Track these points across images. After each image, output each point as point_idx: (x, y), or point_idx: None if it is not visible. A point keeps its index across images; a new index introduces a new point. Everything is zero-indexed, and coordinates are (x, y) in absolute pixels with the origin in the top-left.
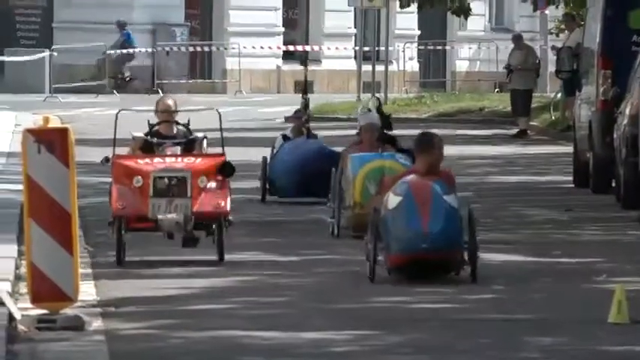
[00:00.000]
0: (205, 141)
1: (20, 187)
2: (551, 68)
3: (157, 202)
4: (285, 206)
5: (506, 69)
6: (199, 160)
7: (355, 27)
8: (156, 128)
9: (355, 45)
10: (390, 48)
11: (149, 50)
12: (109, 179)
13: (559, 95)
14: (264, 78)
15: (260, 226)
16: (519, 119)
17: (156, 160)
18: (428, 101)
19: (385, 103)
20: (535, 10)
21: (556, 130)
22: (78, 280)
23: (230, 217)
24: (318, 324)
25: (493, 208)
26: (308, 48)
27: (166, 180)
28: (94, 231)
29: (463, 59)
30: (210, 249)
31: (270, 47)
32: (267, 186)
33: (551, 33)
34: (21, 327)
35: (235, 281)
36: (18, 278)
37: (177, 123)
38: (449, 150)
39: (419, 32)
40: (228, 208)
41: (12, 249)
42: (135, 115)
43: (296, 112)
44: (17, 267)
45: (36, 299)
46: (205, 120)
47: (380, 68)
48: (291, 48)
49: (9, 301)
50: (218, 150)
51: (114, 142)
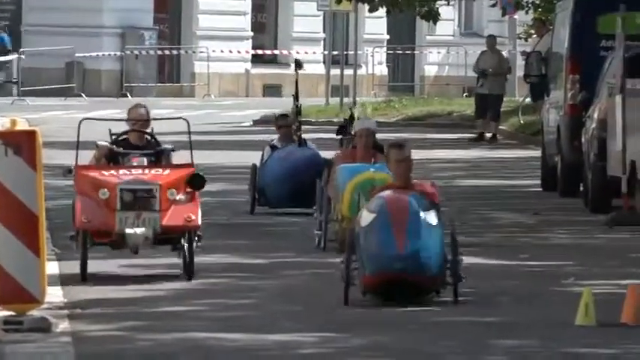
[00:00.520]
0: (172, 153)
1: None
2: (519, 73)
3: (124, 216)
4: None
5: (480, 73)
6: (168, 172)
7: (324, 31)
8: (124, 137)
9: (324, 49)
10: (359, 52)
11: (118, 54)
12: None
13: (527, 100)
14: (232, 82)
15: (227, 229)
16: (490, 124)
17: (122, 172)
18: (396, 105)
19: (354, 107)
20: (504, 15)
21: (524, 134)
22: (45, 282)
23: (199, 232)
24: (284, 326)
25: (461, 212)
26: (277, 52)
27: (134, 192)
28: (62, 233)
29: (432, 64)
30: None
31: (238, 51)
32: (256, 196)
33: (520, 38)
34: None
35: (203, 283)
36: None
37: (145, 133)
38: (417, 154)
39: (388, 37)
40: (199, 222)
41: None
42: (107, 125)
43: (278, 118)
44: None
45: (2, 301)
46: (172, 126)
47: (349, 72)
48: (259, 52)
49: None
50: (186, 158)
51: (76, 152)
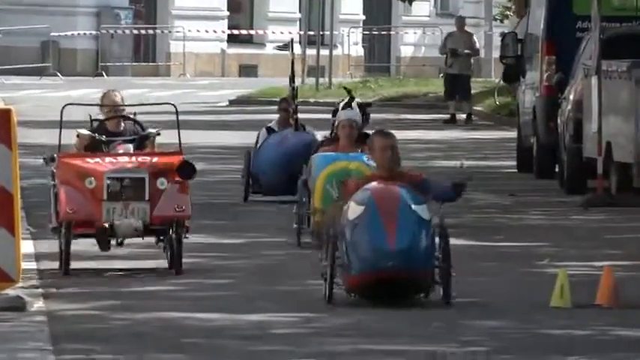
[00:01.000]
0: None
1: None
2: (496, 54)
3: (112, 206)
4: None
5: (451, 53)
6: (156, 159)
7: (300, 11)
8: (104, 124)
9: (300, 29)
10: (335, 32)
11: (93, 33)
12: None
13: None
14: (208, 61)
15: (204, 208)
16: (462, 104)
17: (107, 160)
18: (372, 86)
19: (329, 87)
20: None
21: (500, 116)
22: (20, 261)
23: (187, 224)
24: (261, 306)
25: None
26: (252, 32)
27: (122, 181)
28: (37, 212)
29: (408, 44)
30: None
31: (214, 31)
32: (250, 182)
33: (495, 19)
34: None
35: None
36: None
37: (125, 118)
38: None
39: (363, 17)
40: (190, 212)
41: None
42: (82, 102)
43: (281, 102)
44: None
45: None
46: (155, 108)
47: (325, 52)
48: (235, 32)
49: None
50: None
51: (59, 140)
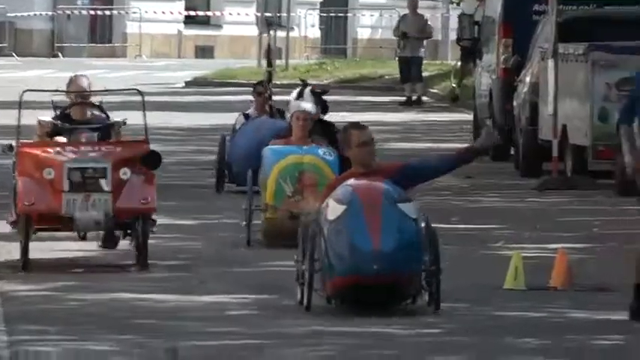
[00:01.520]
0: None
1: None
2: (453, 36)
3: (72, 198)
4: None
5: (401, 35)
6: (120, 149)
7: None
8: (67, 112)
9: (257, 11)
10: (292, 14)
11: (49, 14)
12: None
13: (459, 63)
14: (164, 43)
15: (160, 189)
16: (416, 86)
17: (69, 149)
18: (329, 67)
19: (286, 69)
20: None
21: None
22: None
23: (154, 217)
24: (213, 288)
25: None
26: (209, 13)
27: (83, 172)
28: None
29: (364, 26)
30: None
31: (171, 12)
32: (224, 172)
33: (452, 2)
34: None
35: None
36: None
37: (90, 105)
38: (350, 116)
39: None
40: (155, 205)
41: None
42: (41, 85)
43: (256, 85)
44: None
45: None
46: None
47: (281, 34)
48: (192, 13)
49: None
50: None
51: (18, 128)
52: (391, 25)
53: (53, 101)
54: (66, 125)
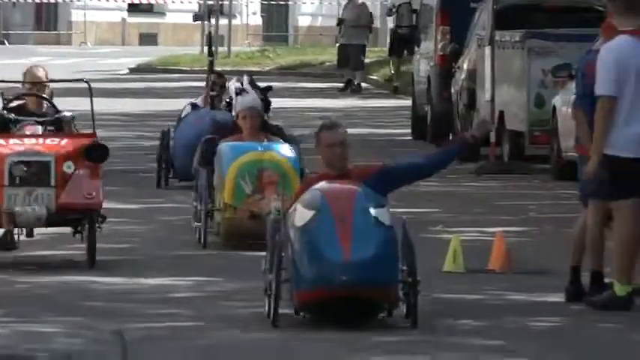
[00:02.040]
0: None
1: None
2: (391, 24)
3: (14, 192)
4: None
5: (337, 23)
6: (65, 142)
7: None
8: (21, 102)
9: None
10: (234, 2)
11: None
12: None
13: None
14: (109, 30)
15: (104, 174)
16: (355, 73)
17: (12, 142)
18: (270, 55)
19: (228, 56)
20: None
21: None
22: None
23: (102, 212)
24: (159, 270)
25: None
26: (152, 1)
27: (25, 166)
28: None
29: (305, 14)
30: None
31: (115, 0)
32: (164, 166)
33: None
34: None
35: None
36: None
37: (43, 98)
38: (290, 103)
39: None
40: (100, 199)
41: None
42: None
43: (211, 75)
44: None
45: None
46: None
47: (224, 22)
48: (135, 1)
49: None
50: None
51: None
52: (331, 13)
53: (2, 93)
54: (12, 116)
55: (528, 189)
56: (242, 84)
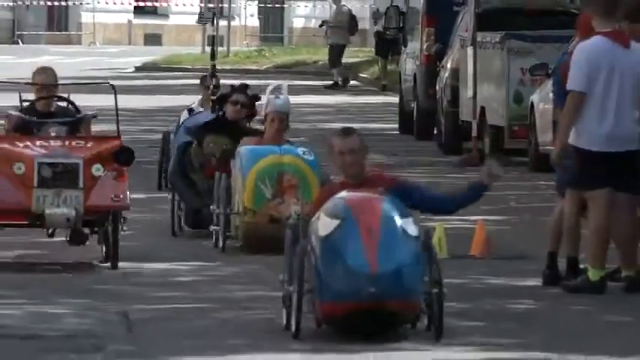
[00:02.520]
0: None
1: None
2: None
3: (43, 194)
4: None
5: (320, 26)
6: (92, 144)
7: None
8: (29, 103)
9: (200, 2)
10: (233, 5)
11: (10, 4)
12: None
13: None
14: (116, 31)
15: None
16: (333, 70)
17: (38, 144)
18: (267, 54)
19: (227, 56)
20: None
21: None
22: None
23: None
24: (162, 256)
25: (325, 153)
26: (157, 4)
27: (54, 167)
28: None
29: (300, 16)
30: None
31: (122, 3)
32: (164, 169)
33: None
34: None
35: None
36: None
37: (58, 98)
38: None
39: None
40: (128, 202)
41: None
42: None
43: (203, 79)
44: None
45: None
46: (64, 70)
47: (223, 23)
48: (141, 4)
49: None
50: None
51: None
52: (323, 16)
53: (20, 95)
54: (34, 119)
55: (508, 180)
56: (280, 88)
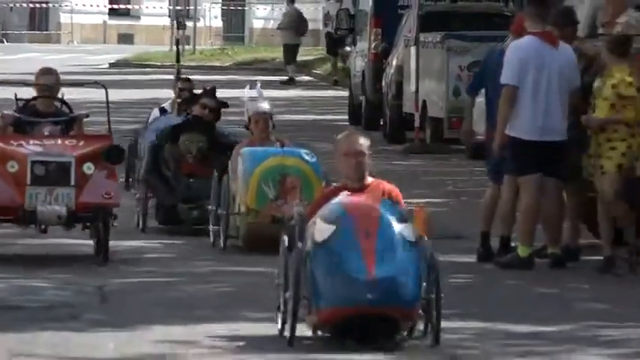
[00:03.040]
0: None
1: None
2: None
3: (35, 191)
4: None
5: (277, 28)
6: (83, 143)
7: None
8: (33, 104)
9: (169, 4)
10: (199, 7)
11: None
12: None
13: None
14: (92, 30)
15: None
16: (287, 67)
17: (32, 143)
18: (229, 52)
19: (193, 53)
20: None
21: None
22: None
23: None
24: (133, 235)
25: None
26: (130, 6)
27: (46, 165)
28: None
29: (259, 18)
30: None
31: (97, 5)
32: (132, 167)
33: None
34: None
35: None
36: None
37: (54, 98)
38: (248, 93)
39: None
40: (118, 200)
41: None
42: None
43: (178, 81)
44: None
45: None
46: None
47: (189, 24)
48: (115, 6)
49: None
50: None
51: None
52: (281, 18)
53: (16, 95)
54: (29, 118)
55: (447, 167)
56: (256, 90)
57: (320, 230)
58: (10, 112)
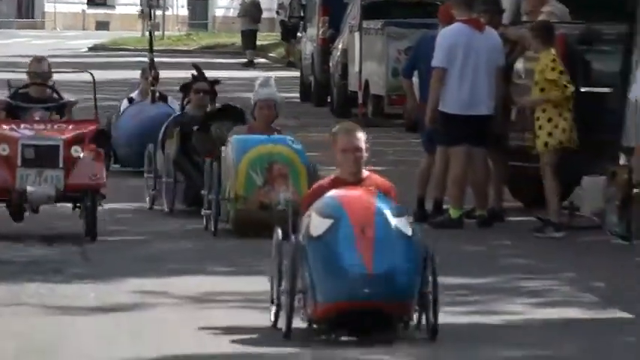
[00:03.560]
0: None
1: None
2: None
3: (25, 173)
4: None
5: (238, 16)
6: (71, 127)
7: None
8: (25, 90)
9: None
10: None
11: None
12: None
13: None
14: (72, 18)
15: None
16: (246, 52)
17: (23, 127)
18: (194, 38)
19: (162, 39)
20: None
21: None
22: None
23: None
24: (111, 199)
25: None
26: None
27: (36, 148)
28: None
29: (221, 7)
30: None
31: None
32: (110, 153)
33: None
34: None
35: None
36: None
37: (45, 86)
38: (209, 74)
39: None
40: (104, 180)
41: None
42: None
43: (144, 70)
44: None
45: None
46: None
47: (159, 13)
48: None
49: None
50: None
51: None
52: (239, 7)
53: (9, 81)
54: (21, 103)
55: (387, 139)
56: (269, 80)
57: (316, 224)
58: (3, 98)
